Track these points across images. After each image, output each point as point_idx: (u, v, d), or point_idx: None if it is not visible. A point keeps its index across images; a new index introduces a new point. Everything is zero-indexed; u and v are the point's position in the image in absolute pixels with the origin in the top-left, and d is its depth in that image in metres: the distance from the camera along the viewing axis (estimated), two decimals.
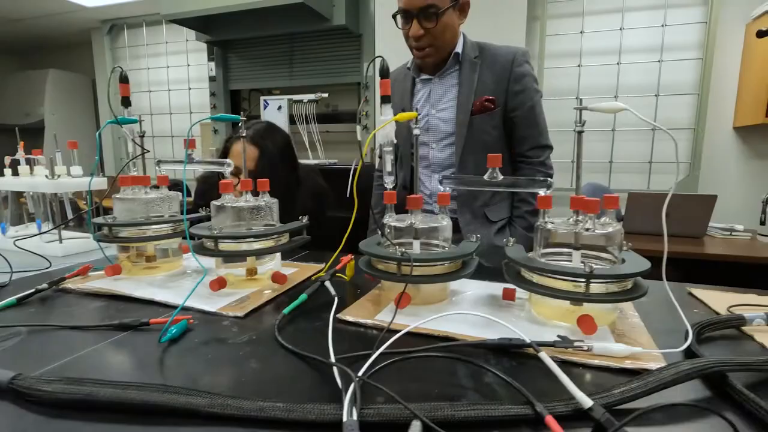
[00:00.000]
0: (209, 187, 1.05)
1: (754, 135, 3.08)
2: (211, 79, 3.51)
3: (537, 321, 0.68)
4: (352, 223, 0.78)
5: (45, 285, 0.80)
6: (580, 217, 0.66)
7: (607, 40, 3.19)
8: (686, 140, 3.25)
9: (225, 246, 0.79)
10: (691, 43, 3.22)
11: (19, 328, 0.66)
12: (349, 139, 3.34)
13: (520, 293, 0.74)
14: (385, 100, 0.75)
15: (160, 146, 4.29)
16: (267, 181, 0.83)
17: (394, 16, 1.25)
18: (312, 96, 3.00)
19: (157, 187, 0.93)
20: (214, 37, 3.27)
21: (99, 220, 0.88)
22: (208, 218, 0.95)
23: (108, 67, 4.38)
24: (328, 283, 0.77)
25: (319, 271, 0.94)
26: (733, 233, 2.31)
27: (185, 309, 0.73)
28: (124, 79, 0.91)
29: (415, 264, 0.67)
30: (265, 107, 3.10)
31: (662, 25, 3.20)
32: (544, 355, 0.49)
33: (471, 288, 0.83)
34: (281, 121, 3.01)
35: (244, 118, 0.83)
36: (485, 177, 0.73)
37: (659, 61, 3.22)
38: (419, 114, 1.30)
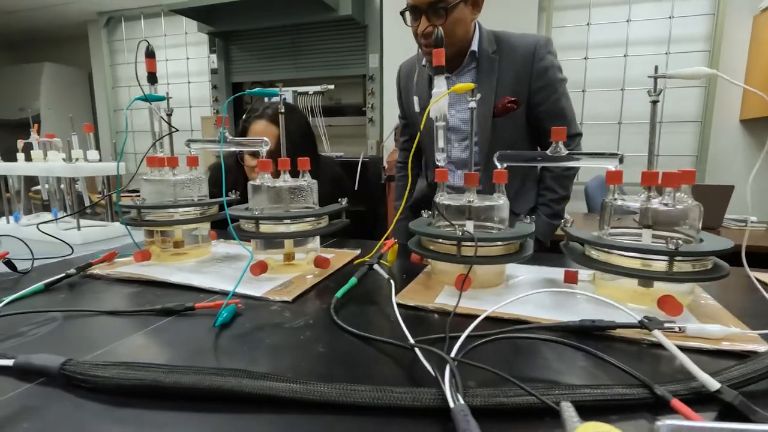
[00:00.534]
0: (221, 175, 1.00)
1: (761, 127, 3.06)
2: (213, 71, 3.44)
3: (603, 304, 0.64)
4: (398, 214, 0.73)
5: (73, 270, 0.74)
6: (651, 194, 0.62)
7: (613, 33, 3.16)
8: (693, 133, 3.24)
9: (266, 228, 0.74)
10: (698, 36, 3.20)
11: (53, 313, 0.61)
12: (354, 133, 3.29)
13: (582, 276, 0.70)
14: (438, 71, 0.71)
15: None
16: (307, 159, 0.79)
17: (402, 13, 1.19)
18: (318, 88, 2.95)
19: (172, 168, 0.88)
20: (216, 28, 3.21)
21: (127, 202, 0.82)
22: (239, 201, 0.91)
23: (105, 60, 4.30)
24: (377, 267, 0.72)
25: (356, 258, 0.89)
26: (747, 224, 2.29)
27: (225, 294, 0.68)
28: (150, 54, 0.85)
29: (478, 245, 0.63)
30: (269, 100, 3.04)
31: (669, 17, 3.18)
32: (661, 336, 0.45)
33: (521, 272, 0.79)
34: None
35: (282, 92, 0.78)
36: (548, 152, 0.69)
37: (666, 54, 3.19)
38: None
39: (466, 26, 1.17)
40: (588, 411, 0.38)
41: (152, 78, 0.87)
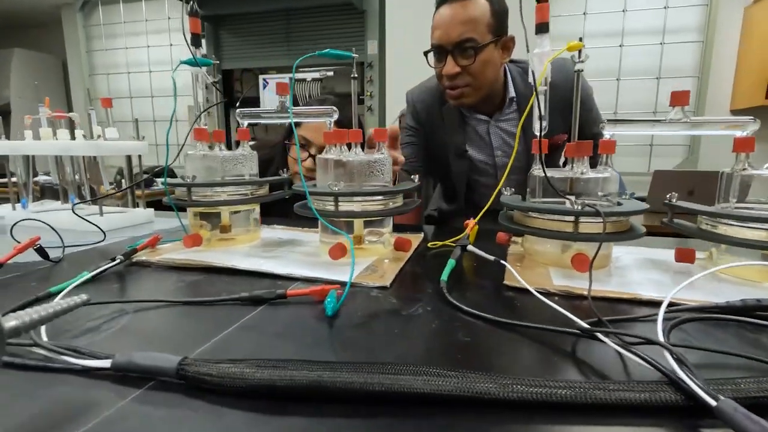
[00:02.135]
0: (263, 160, 0.90)
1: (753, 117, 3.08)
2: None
3: (730, 282, 0.58)
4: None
5: (121, 257, 0.64)
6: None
7: (609, 22, 3.15)
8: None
9: (345, 206, 0.66)
10: (692, 26, 3.22)
11: (119, 305, 0.51)
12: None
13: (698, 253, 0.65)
14: (542, 29, 0.63)
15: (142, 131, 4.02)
16: (384, 130, 0.70)
17: (425, 54, 1.10)
18: (316, 74, 2.84)
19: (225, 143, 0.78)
20: (205, 12, 3.05)
21: (175, 180, 0.72)
22: (289, 181, 0.82)
23: (81, 47, 4.07)
24: (473, 248, 0.65)
25: (428, 241, 0.81)
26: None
27: (309, 281, 0.60)
28: (194, 13, 0.75)
29: (606, 220, 0.56)
30: (264, 86, 2.92)
31: (664, 7, 3.19)
32: None
33: (617, 252, 0.72)
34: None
35: (356, 55, 0.70)
36: (670, 117, 0.62)
37: (661, 44, 3.20)
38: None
39: (495, 69, 1.08)
40: None
41: (196, 40, 0.76)
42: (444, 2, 1.04)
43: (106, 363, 0.36)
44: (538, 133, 0.66)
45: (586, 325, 0.42)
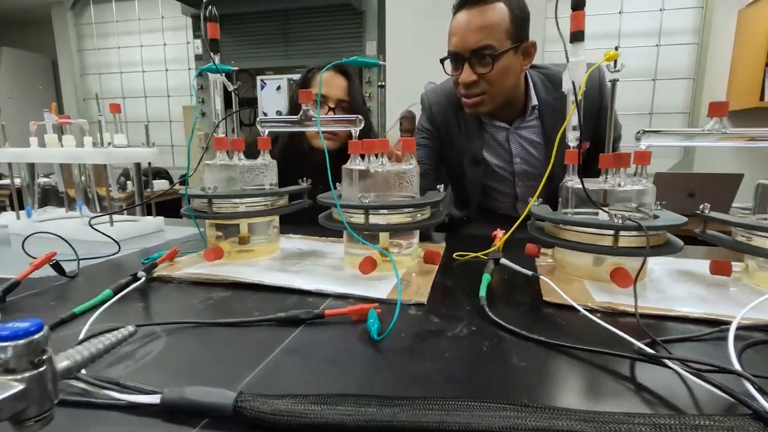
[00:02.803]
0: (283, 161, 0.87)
1: (747, 119, 3.13)
2: (198, 57, 3.23)
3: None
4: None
5: (143, 274, 0.62)
6: None
7: (606, 24, 3.16)
8: (681, 124, 3.28)
9: (375, 219, 0.64)
10: (687, 28, 3.24)
11: (150, 327, 0.48)
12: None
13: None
14: (577, 37, 0.62)
15: (133, 133, 3.95)
16: (413, 141, 0.68)
17: (442, 61, 1.07)
18: None
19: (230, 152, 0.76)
20: (201, 12, 3.00)
21: (195, 191, 0.70)
22: (309, 190, 0.80)
23: (72, 46, 3.99)
24: (506, 261, 0.63)
25: (453, 252, 0.80)
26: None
27: (341, 297, 0.58)
28: (213, 17, 0.73)
29: (648, 234, 0.54)
30: (262, 87, 2.88)
31: (660, 10, 3.21)
32: None
33: (649, 264, 0.71)
34: (281, 102, 2.80)
35: (384, 63, 0.67)
36: (707, 128, 0.61)
37: (657, 46, 3.22)
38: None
39: (515, 76, 1.04)
40: None
41: (214, 46, 0.74)
42: (461, 8, 1.01)
43: (154, 399, 0.33)
44: (571, 144, 0.65)
45: (648, 350, 0.40)
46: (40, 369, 0.26)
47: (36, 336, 0.25)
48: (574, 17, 0.61)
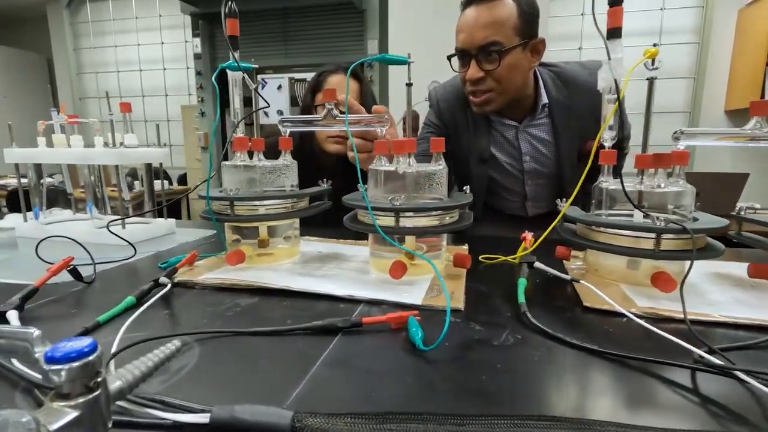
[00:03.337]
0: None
1: (747, 118, 3.11)
2: (197, 56, 3.20)
3: None
4: None
5: (165, 279, 0.59)
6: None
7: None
8: (681, 124, 3.28)
9: (408, 221, 0.62)
10: (687, 27, 3.24)
11: (180, 338, 0.46)
12: None
13: None
14: (615, 34, 0.60)
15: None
16: (443, 140, 0.66)
17: (449, 58, 1.05)
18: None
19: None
20: (201, 9, 2.97)
21: (216, 192, 0.67)
22: (330, 192, 0.77)
23: (68, 45, 3.94)
24: (541, 265, 0.61)
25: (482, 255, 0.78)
26: (757, 211, 2.32)
27: (372, 303, 0.56)
28: (233, 14, 0.70)
29: (694, 236, 0.53)
30: (263, 86, 2.85)
31: (661, 9, 3.21)
32: None
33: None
34: (282, 101, 2.77)
35: (412, 60, 0.65)
36: (749, 128, 0.59)
37: (655, 45, 3.20)
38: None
39: (523, 73, 1.02)
40: None
41: (234, 42, 0.71)
42: (470, 4, 0.99)
43: (203, 418, 0.31)
44: (606, 144, 0.63)
45: (713, 359, 0.38)
46: (95, 393, 0.23)
47: (91, 357, 0.23)
48: (612, 13, 0.60)
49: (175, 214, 0.99)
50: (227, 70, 0.71)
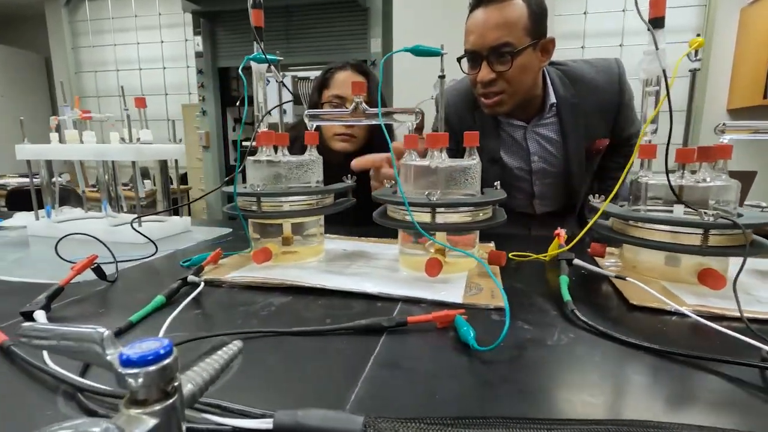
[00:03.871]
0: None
1: (750, 117, 3.13)
2: (198, 55, 3.17)
3: None
4: None
5: (195, 278, 0.57)
6: None
7: (610, 22, 3.15)
8: (682, 123, 3.26)
9: (444, 217, 0.60)
10: (690, 26, 3.24)
11: (220, 338, 0.44)
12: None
13: None
14: (658, 24, 0.59)
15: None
16: (477, 134, 0.64)
17: (459, 60, 1.03)
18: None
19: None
20: (202, 7, 2.94)
21: (243, 188, 0.65)
22: (354, 189, 0.76)
23: (67, 43, 3.90)
24: (580, 262, 0.59)
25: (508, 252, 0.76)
26: (764, 209, 2.32)
27: (410, 301, 0.54)
28: (257, 4, 0.68)
29: (747, 231, 0.51)
30: (266, 83, 2.82)
31: None
32: None
33: None
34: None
35: (446, 52, 0.63)
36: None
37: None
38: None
39: (534, 73, 1.01)
40: None
41: (259, 33, 0.69)
42: (479, 5, 0.97)
43: (266, 423, 0.29)
44: (647, 139, 0.61)
45: None
46: (173, 399, 0.21)
47: (168, 360, 0.21)
48: (654, 3, 0.58)
49: (174, 213, 0.97)
50: (252, 62, 0.69)
